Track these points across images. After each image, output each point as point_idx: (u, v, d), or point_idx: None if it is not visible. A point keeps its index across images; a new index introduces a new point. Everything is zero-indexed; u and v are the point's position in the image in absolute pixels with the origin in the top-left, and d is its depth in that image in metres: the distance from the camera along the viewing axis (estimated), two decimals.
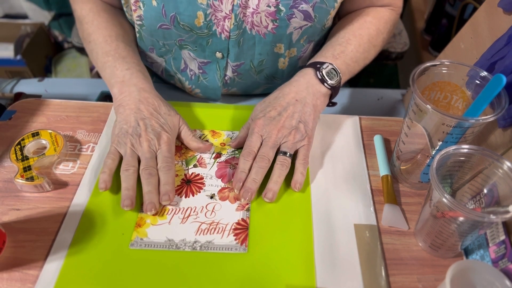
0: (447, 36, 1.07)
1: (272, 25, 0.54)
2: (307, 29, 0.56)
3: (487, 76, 0.44)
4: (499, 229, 0.43)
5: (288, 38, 0.57)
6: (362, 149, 0.56)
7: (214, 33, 0.55)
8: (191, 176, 0.52)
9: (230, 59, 0.59)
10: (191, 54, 0.60)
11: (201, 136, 0.57)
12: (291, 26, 0.55)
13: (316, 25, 0.56)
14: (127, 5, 0.57)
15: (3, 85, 0.69)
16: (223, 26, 0.54)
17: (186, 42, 0.58)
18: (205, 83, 0.64)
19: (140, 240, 0.45)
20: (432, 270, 0.44)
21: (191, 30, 0.55)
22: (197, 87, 0.65)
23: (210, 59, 0.60)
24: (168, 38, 0.58)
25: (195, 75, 0.63)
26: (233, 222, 0.47)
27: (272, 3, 0.52)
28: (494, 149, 0.47)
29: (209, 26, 0.55)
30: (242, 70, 0.61)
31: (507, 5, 0.48)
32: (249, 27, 0.55)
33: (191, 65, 0.62)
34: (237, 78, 0.63)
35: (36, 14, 1.39)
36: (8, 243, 0.45)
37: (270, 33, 0.55)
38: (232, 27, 0.54)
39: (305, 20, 0.55)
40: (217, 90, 0.64)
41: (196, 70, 0.62)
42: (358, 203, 0.50)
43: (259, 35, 0.56)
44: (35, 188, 0.49)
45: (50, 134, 0.54)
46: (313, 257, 0.45)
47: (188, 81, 0.65)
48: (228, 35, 0.55)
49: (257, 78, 0.63)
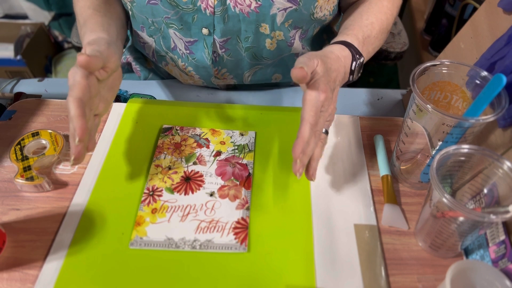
0: (447, 36, 1.07)
1: (255, 4, 0.54)
2: (291, 13, 0.56)
3: (487, 76, 0.44)
4: (499, 229, 0.43)
5: (271, 19, 0.57)
6: (362, 149, 0.56)
7: (199, 9, 0.56)
8: (191, 173, 0.52)
9: (216, 35, 0.59)
10: (176, 33, 0.60)
11: (200, 134, 0.57)
12: (274, 6, 0.55)
13: (302, 10, 0.56)
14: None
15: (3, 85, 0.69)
16: (207, 1, 0.55)
17: (172, 21, 0.58)
18: (195, 63, 0.64)
19: (139, 239, 0.45)
20: (432, 270, 0.44)
21: (177, 6, 0.56)
22: (189, 65, 0.65)
23: (197, 37, 0.60)
24: (156, 14, 0.58)
25: (185, 55, 0.63)
26: (233, 220, 0.47)
27: None
28: (494, 149, 0.47)
29: (193, 1, 0.55)
30: (229, 45, 0.61)
31: (507, 5, 0.48)
32: (233, 4, 0.55)
33: (178, 45, 0.63)
34: (225, 55, 0.63)
35: (36, 14, 1.40)
36: (8, 243, 0.45)
37: (253, 12, 0.56)
38: (216, 2, 0.55)
39: (289, 2, 0.55)
40: (208, 68, 0.64)
41: (183, 50, 0.63)
42: (358, 203, 0.50)
43: (242, 13, 0.56)
44: (35, 188, 0.49)
45: (50, 134, 0.54)
46: (313, 257, 0.45)
47: (180, 58, 0.65)
48: (213, 10, 0.56)
49: (245, 56, 0.63)
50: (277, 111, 0.61)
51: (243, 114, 0.60)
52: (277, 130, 0.58)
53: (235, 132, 0.57)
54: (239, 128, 0.58)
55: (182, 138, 0.56)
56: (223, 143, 0.56)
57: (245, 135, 0.57)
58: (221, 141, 0.56)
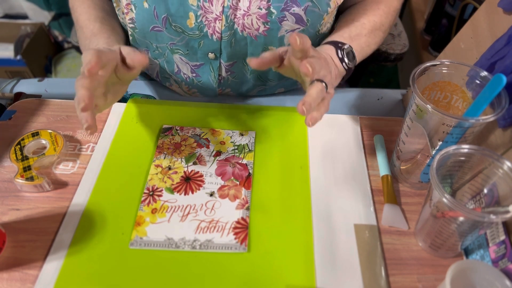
0: (447, 36, 1.07)
1: (263, 28, 0.54)
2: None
3: (487, 76, 0.44)
4: (499, 229, 0.43)
5: (280, 41, 0.57)
6: (362, 149, 0.56)
7: (205, 35, 0.55)
8: (191, 173, 0.52)
9: (223, 59, 0.59)
10: (182, 58, 0.60)
11: (200, 134, 0.57)
12: (283, 29, 0.55)
13: (309, 29, 0.56)
14: (119, 8, 0.58)
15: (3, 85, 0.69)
16: (214, 28, 0.54)
17: (178, 46, 0.58)
18: (200, 85, 0.64)
19: (139, 239, 0.45)
20: (432, 270, 0.44)
21: (183, 32, 0.55)
22: (194, 87, 0.65)
23: (203, 61, 0.60)
24: (161, 40, 0.58)
25: (189, 78, 0.63)
26: (233, 220, 0.47)
27: (263, 6, 0.52)
28: (494, 149, 0.47)
29: (200, 28, 0.55)
30: (235, 69, 0.61)
31: (507, 5, 0.48)
32: (240, 28, 0.55)
33: (183, 69, 0.62)
34: (230, 78, 0.63)
35: (36, 14, 1.39)
36: (8, 243, 0.45)
37: (261, 35, 0.55)
38: (223, 28, 0.54)
39: (297, 24, 0.54)
40: (213, 89, 0.65)
41: (189, 74, 0.63)
42: (358, 203, 0.50)
43: (250, 37, 0.56)
44: (35, 188, 0.49)
45: (50, 134, 0.54)
46: (313, 257, 0.45)
47: (184, 82, 0.65)
48: (220, 36, 0.55)
49: (250, 78, 0.63)
50: (277, 111, 0.61)
51: (243, 114, 0.60)
52: (277, 130, 0.58)
53: (235, 132, 0.57)
54: (239, 128, 0.58)
55: (182, 138, 0.56)
56: (223, 143, 0.56)
57: (245, 135, 0.57)
58: (221, 141, 0.56)
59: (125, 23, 0.59)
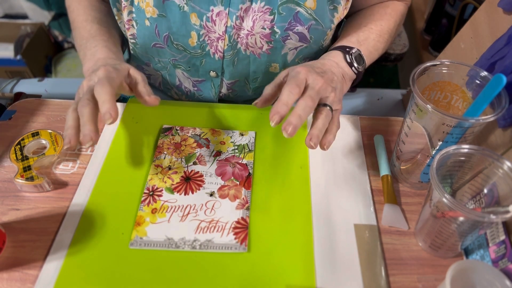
0: (447, 36, 1.07)
1: (267, 46, 0.54)
2: (302, 50, 0.56)
3: (487, 76, 0.44)
4: (499, 229, 0.43)
5: (283, 58, 0.57)
6: (362, 149, 0.56)
7: (207, 54, 0.56)
8: (191, 173, 0.52)
9: (225, 77, 0.59)
10: (184, 73, 0.60)
11: (200, 134, 0.57)
12: (286, 47, 0.55)
13: (312, 45, 0.56)
14: (121, 21, 0.58)
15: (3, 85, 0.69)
16: (216, 47, 0.54)
17: (180, 62, 0.58)
18: (201, 99, 0.65)
19: (139, 239, 0.45)
20: (432, 270, 0.44)
21: (184, 50, 0.55)
22: (194, 100, 0.66)
23: (204, 78, 0.60)
24: (163, 56, 0.58)
25: (191, 92, 0.64)
26: (233, 220, 0.47)
27: (267, 25, 0.52)
28: (494, 149, 0.47)
29: (202, 47, 0.55)
30: (236, 87, 0.61)
31: (507, 5, 0.48)
32: (244, 48, 0.55)
33: (185, 83, 0.62)
34: (231, 94, 0.63)
35: (36, 14, 1.39)
36: (8, 243, 0.45)
37: (264, 54, 0.55)
38: (226, 47, 0.54)
39: (300, 42, 0.54)
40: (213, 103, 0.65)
41: (190, 88, 0.63)
42: (358, 203, 0.50)
43: (253, 55, 0.56)
44: (35, 188, 0.49)
45: (50, 134, 0.54)
46: (313, 257, 0.45)
47: (185, 95, 0.65)
48: (222, 55, 0.55)
49: (252, 95, 0.63)
50: None
51: (243, 114, 0.60)
52: (277, 130, 0.58)
53: (235, 132, 0.57)
54: (239, 128, 0.58)
55: (182, 138, 0.56)
56: (223, 143, 0.56)
57: (245, 135, 0.57)
58: (221, 141, 0.56)
59: (127, 37, 0.60)
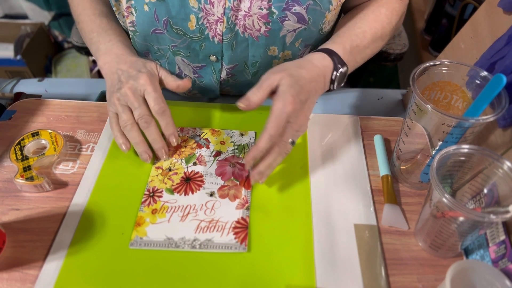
0: (447, 36, 1.07)
1: (264, 28, 0.54)
2: (301, 32, 0.56)
3: (487, 76, 0.44)
4: (499, 229, 0.43)
5: (281, 41, 0.56)
6: (362, 149, 0.56)
7: (207, 37, 0.55)
8: (191, 174, 0.52)
9: (224, 61, 0.59)
10: (184, 60, 0.60)
11: (200, 134, 0.57)
12: (284, 28, 0.55)
13: (311, 28, 0.56)
14: (119, 12, 0.58)
15: (3, 85, 0.69)
16: (215, 30, 0.54)
17: (179, 48, 0.58)
18: (202, 85, 0.64)
19: (139, 239, 0.45)
20: (432, 270, 0.44)
21: (184, 34, 0.55)
22: (194, 89, 0.65)
23: (205, 63, 0.60)
24: (162, 42, 0.58)
25: (191, 79, 0.63)
26: (233, 220, 0.47)
27: (264, 6, 0.52)
28: (494, 149, 0.47)
29: (201, 30, 0.55)
30: (236, 71, 0.61)
31: (507, 5, 0.48)
32: (242, 30, 0.55)
33: (185, 70, 0.62)
34: (231, 80, 0.63)
35: (36, 14, 1.40)
36: (8, 243, 0.45)
37: (263, 36, 0.55)
38: (224, 30, 0.54)
39: (299, 23, 0.54)
40: (215, 90, 0.64)
41: (191, 75, 0.62)
42: (358, 203, 0.50)
43: (252, 38, 0.55)
44: (35, 188, 0.49)
45: (50, 134, 0.54)
46: (313, 257, 0.45)
47: None
48: (221, 38, 0.55)
49: (251, 80, 0.63)
50: None
51: (243, 114, 0.60)
52: None
53: (235, 132, 0.57)
54: (239, 128, 0.58)
55: (182, 139, 0.56)
56: (223, 143, 0.56)
57: (245, 135, 0.57)
58: (221, 141, 0.56)
59: (126, 27, 0.59)
